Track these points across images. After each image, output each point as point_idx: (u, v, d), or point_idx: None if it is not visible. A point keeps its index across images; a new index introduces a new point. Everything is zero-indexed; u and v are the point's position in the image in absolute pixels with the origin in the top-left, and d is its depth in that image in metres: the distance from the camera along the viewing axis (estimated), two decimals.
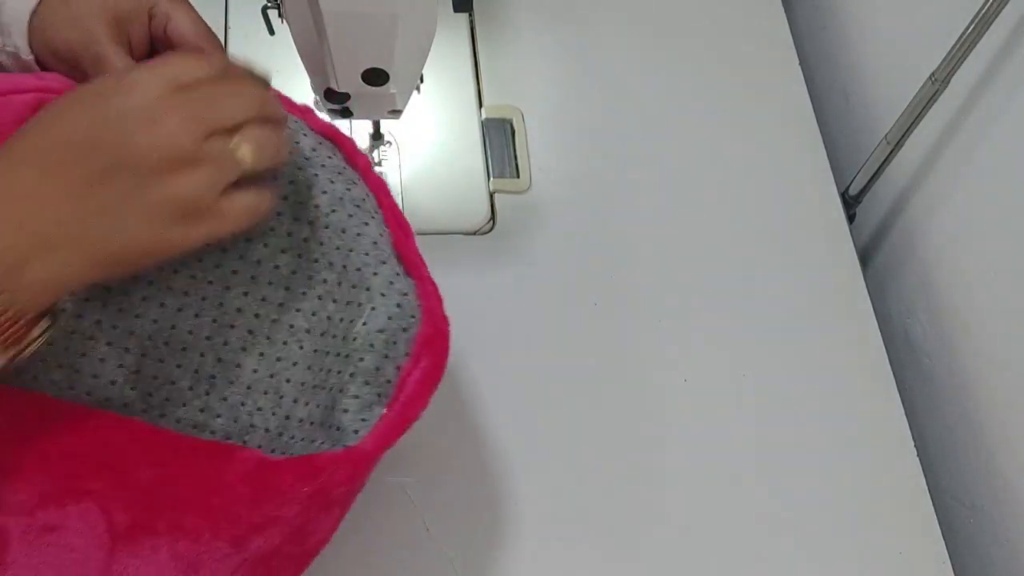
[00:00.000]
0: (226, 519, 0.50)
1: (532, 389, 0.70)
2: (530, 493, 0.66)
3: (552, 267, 0.76)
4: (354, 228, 0.56)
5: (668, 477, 0.69)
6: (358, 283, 0.55)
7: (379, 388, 0.54)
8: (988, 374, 0.74)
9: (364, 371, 0.54)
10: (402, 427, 0.53)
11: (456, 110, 0.83)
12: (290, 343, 0.53)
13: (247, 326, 0.52)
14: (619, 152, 0.83)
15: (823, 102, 0.95)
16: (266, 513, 0.50)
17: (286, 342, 0.53)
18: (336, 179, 0.57)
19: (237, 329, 0.52)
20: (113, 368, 0.51)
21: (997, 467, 0.72)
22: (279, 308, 0.53)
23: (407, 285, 0.56)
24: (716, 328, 0.75)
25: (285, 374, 0.53)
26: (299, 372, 0.53)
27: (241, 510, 0.50)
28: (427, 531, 0.63)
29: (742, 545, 0.67)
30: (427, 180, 0.79)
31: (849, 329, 0.77)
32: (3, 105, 0.53)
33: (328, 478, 0.51)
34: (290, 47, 0.62)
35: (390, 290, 0.55)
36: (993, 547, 0.72)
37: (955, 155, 0.78)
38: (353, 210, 0.56)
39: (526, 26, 0.88)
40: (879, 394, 0.74)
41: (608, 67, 0.87)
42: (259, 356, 0.53)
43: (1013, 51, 0.71)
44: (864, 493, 0.70)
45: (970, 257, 0.76)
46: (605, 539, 0.66)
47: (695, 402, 0.72)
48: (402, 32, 0.60)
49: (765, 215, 0.81)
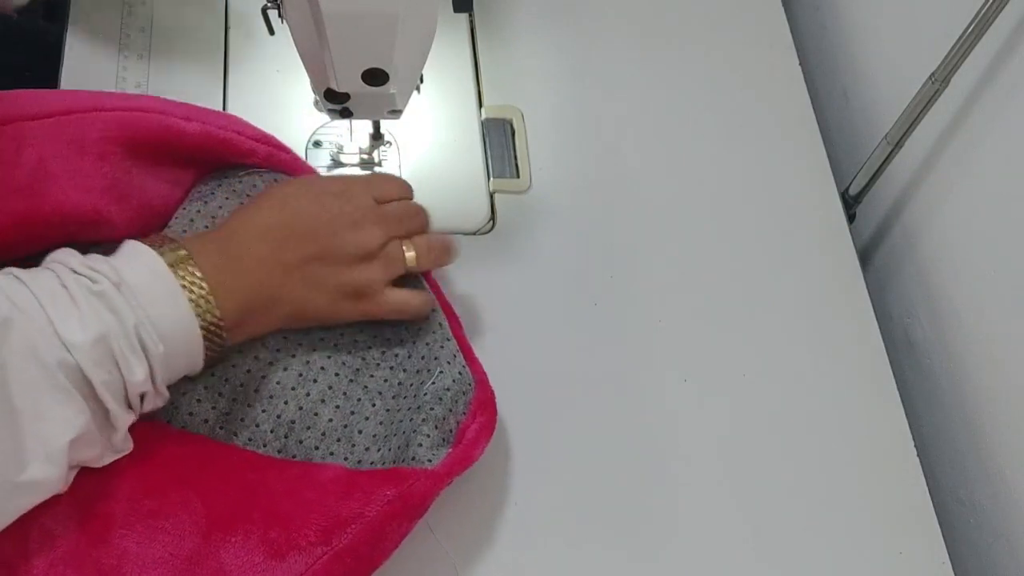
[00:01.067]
0: (317, 510, 0.56)
1: (532, 389, 0.70)
2: (530, 493, 0.66)
3: (552, 267, 0.76)
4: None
5: (668, 477, 0.69)
6: (427, 355, 0.64)
7: (445, 434, 0.61)
8: (988, 374, 0.74)
9: (434, 418, 0.61)
10: (466, 463, 0.60)
11: (456, 110, 0.83)
12: (363, 400, 0.62)
13: (327, 382, 0.62)
14: (619, 152, 0.83)
15: (823, 102, 0.95)
16: (353, 509, 0.56)
17: (360, 399, 0.62)
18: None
19: (319, 384, 0.61)
20: (207, 409, 0.59)
21: (997, 467, 0.72)
22: (356, 372, 0.63)
23: (463, 361, 0.65)
24: (716, 328, 0.75)
25: (358, 426, 0.62)
26: (371, 426, 0.62)
27: (332, 503, 0.56)
28: (430, 531, 0.63)
29: (741, 545, 0.67)
30: (427, 180, 0.79)
31: (849, 329, 0.77)
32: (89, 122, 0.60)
33: (409, 488, 0.58)
34: (290, 47, 0.62)
35: (454, 361, 0.64)
36: (993, 547, 0.72)
37: (955, 155, 0.78)
38: None
39: (526, 26, 0.88)
40: (879, 394, 0.74)
41: (608, 67, 0.87)
42: (335, 408, 0.61)
43: (1013, 51, 0.71)
44: (864, 493, 0.70)
45: (970, 257, 0.76)
46: (605, 539, 0.66)
47: (695, 402, 0.72)
48: (402, 32, 0.60)
49: (765, 215, 0.81)
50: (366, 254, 0.61)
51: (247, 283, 0.57)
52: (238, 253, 0.57)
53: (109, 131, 0.60)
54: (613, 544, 0.66)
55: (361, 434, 0.61)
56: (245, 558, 0.54)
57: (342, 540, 0.55)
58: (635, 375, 0.72)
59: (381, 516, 0.56)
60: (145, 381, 0.52)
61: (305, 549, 0.55)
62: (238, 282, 0.56)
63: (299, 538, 0.55)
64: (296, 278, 0.59)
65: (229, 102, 0.79)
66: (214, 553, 0.54)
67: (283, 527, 0.55)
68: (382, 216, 0.62)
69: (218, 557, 0.54)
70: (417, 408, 0.61)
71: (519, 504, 0.66)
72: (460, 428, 0.62)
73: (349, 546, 0.55)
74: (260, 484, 0.57)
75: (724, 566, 0.66)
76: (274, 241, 0.58)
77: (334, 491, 0.57)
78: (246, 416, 0.60)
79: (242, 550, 0.54)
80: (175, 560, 0.53)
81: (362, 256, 0.61)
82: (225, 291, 0.55)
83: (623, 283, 0.76)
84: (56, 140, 0.58)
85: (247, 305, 0.57)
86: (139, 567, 0.53)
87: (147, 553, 0.53)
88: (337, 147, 0.79)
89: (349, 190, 0.62)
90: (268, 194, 0.61)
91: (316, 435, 0.60)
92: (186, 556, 0.53)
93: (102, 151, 0.59)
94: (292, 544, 0.54)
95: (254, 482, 0.57)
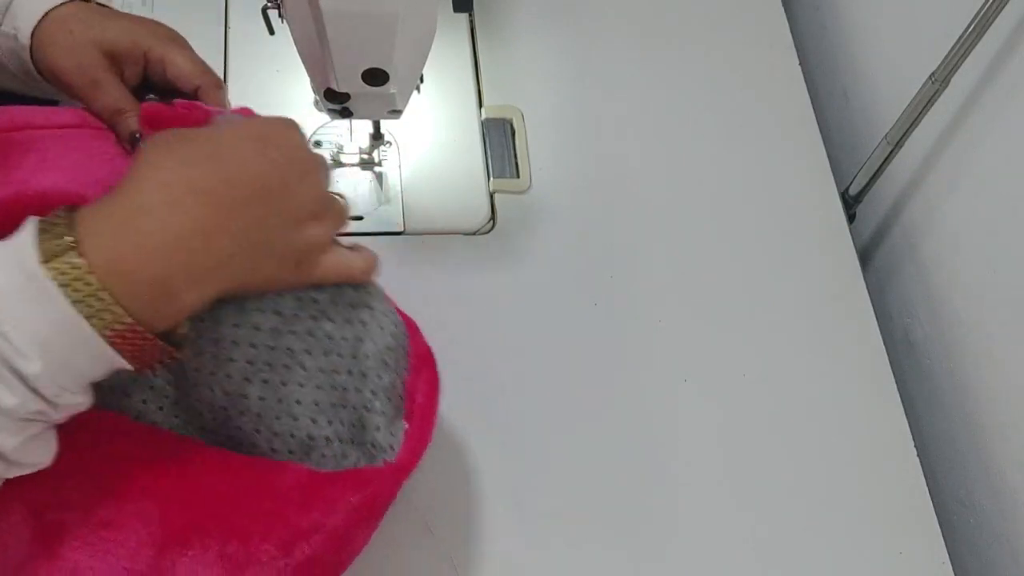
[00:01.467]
0: (276, 523, 0.52)
1: (532, 389, 0.70)
2: (530, 493, 0.66)
3: (552, 267, 0.76)
4: None
5: (668, 477, 0.69)
6: (356, 302, 0.56)
7: (396, 403, 0.57)
8: (988, 374, 0.74)
9: (384, 388, 0.56)
10: (426, 439, 0.56)
11: (456, 110, 0.83)
12: (292, 367, 0.54)
13: (245, 357, 0.53)
14: (619, 152, 0.83)
15: (823, 102, 0.95)
16: (315, 520, 0.53)
17: (287, 366, 0.54)
18: None
19: (236, 363, 0.53)
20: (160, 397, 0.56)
21: (997, 467, 0.72)
22: (273, 333, 0.54)
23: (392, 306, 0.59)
24: (716, 328, 0.75)
25: (295, 396, 0.55)
26: (308, 392, 0.55)
27: (291, 515, 0.52)
28: (431, 531, 0.63)
29: (741, 545, 0.67)
30: (427, 180, 0.79)
31: (849, 329, 0.77)
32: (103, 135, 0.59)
33: (375, 490, 0.54)
34: (290, 47, 0.62)
35: (386, 309, 0.57)
36: (993, 547, 0.72)
37: (955, 155, 0.78)
38: None
39: (526, 26, 0.88)
40: (879, 394, 0.74)
41: (608, 67, 0.87)
42: (263, 384, 0.54)
43: (1013, 51, 0.71)
44: (864, 493, 0.70)
45: (970, 257, 0.76)
46: (605, 539, 0.66)
47: (695, 402, 0.72)
48: (402, 32, 0.60)
49: (765, 215, 0.81)
50: (319, 209, 0.51)
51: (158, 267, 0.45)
52: (149, 228, 0.45)
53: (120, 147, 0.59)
54: (613, 544, 0.66)
55: (300, 405, 0.55)
56: (201, 573, 0.52)
57: (304, 551, 0.53)
58: (635, 375, 0.72)
59: (345, 524, 0.54)
60: (23, 403, 0.43)
61: (265, 564, 0.52)
62: (149, 267, 0.45)
63: (258, 553, 0.52)
64: (243, 245, 0.48)
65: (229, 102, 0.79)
66: (169, 569, 0.51)
67: (241, 541, 0.52)
68: (319, 160, 0.52)
69: (173, 573, 0.51)
70: (362, 376, 0.56)
71: (519, 504, 0.66)
72: (407, 390, 0.57)
73: (312, 556, 0.53)
74: (218, 492, 0.54)
75: (724, 566, 0.66)
76: (219, 204, 0.47)
77: (295, 499, 0.53)
78: (188, 405, 0.56)
79: (199, 565, 0.52)
80: (129, 574, 0.51)
81: (313, 212, 0.51)
82: (127, 281, 0.44)
83: (623, 283, 0.76)
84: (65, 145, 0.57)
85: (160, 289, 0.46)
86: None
87: (99, 566, 0.51)
88: (337, 147, 0.79)
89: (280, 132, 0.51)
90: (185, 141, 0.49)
91: (252, 418, 0.55)
92: (140, 571, 0.51)
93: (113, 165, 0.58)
94: (251, 559, 0.52)
95: (212, 490, 0.54)
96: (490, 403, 0.69)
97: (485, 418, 0.69)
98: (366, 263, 0.55)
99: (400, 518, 0.64)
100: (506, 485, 0.66)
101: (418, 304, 0.70)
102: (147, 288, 0.45)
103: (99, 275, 0.43)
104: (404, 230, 0.76)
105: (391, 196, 0.77)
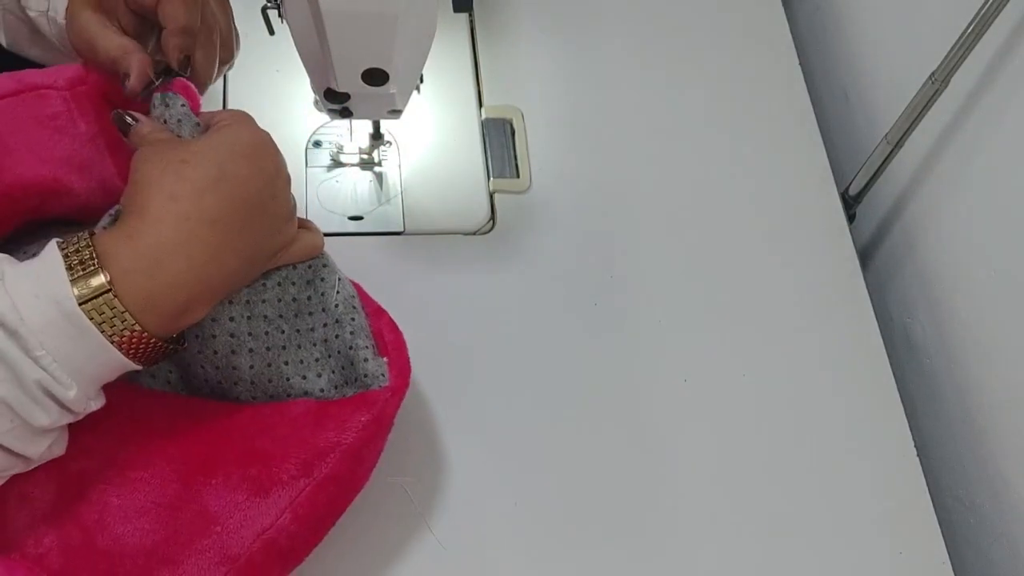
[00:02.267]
0: (295, 445, 0.56)
1: (532, 389, 0.70)
2: (530, 493, 0.66)
3: (552, 267, 0.76)
4: None
5: (668, 477, 0.69)
6: (313, 263, 0.60)
7: (373, 341, 0.60)
8: (988, 374, 0.74)
9: (361, 327, 0.60)
10: (407, 366, 0.60)
11: (456, 110, 0.83)
12: (271, 333, 0.58)
13: (227, 331, 0.57)
14: (619, 152, 0.83)
15: (823, 102, 0.95)
16: (330, 439, 0.56)
17: (267, 332, 0.58)
18: None
19: (219, 338, 0.57)
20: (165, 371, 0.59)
21: (997, 467, 0.72)
22: (246, 305, 0.57)
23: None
24: (716, 328, 0.75)
25: (282, 358, 0.59)
26: (292, 353, 0.59)
27: (307, 436, 0.56)
28: (430, 531, 0.63)
29: (741, 545, 0.67)
30: (427, 180, 0.79)
31: (849, 329, 0.77)
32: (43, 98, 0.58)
33: (379, 409, 0.57)
34: (290, 47, 0.62)
35: (335, 268, 0.61)
36: (993, 547, 0.72)
37: (955, 155, 0.78)
38: None
39: (526, 26, 0.88)
40: (879, 394, 0.74)
41: (608, 67, 0.87)
42: (249, 353, 0.58)
43: (1013, 51, 0.71)
44: (864, 493, 0.70)
45: (970, 257, 0.76)
46: (605, 539, 0.66)
47: (695, 402, 0.72)
48: (402, 32, 0.60)
49: (765, 215, 0.81)
50: (293, 206, 0.57)
51: (183, 297, 0.50)
52: (177, 267, 0.49)
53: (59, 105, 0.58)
54: (613, 544, 0.66)
55: (288, 365, 0.59)
56: (228, 498, 0.54)
57: (323, 469, 0.55)
58: (635, 375, 0.72)
59: (358, 441, 0.57)
60: (56, 421, 0.48)
61: (287, 483, 0.55)
62: (176, 298, 0.50)
63: (280, 472, 0.55)
64: (245, 260, 0.53)
65: (229, 102, 0.79)
66: (196, 497, 0.54)
67: (263, 464, 0.55)
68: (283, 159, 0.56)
69: (200, 500, 0.54)
70: (336, 322, 0.60)
71: (519, 504, 0.66)
72: (374, 331, 0.61)
73: (330, 474, 0.56)
74: (233, 427, 0.57)
75: (724, 566, 0.66)
76: (229, 226, 0.51)
77: (307, 423, 0.57)
78: (190, 381, 0.59)
79: (224, 490, 0.54)
80: (158, 508, 0.53)
81: (291, 211, 0.56)
82: (158, 314, 0.49)
83: (623, 283, 0.76)
84: (12, 117, 0.57)
85: (181, 313, 0.51)
86: (122, 518, 0.53)
87: (128, 504, 0.53)
88: (337, 147, 0.79)
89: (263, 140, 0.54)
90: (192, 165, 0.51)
91: (246, 386, 0.59)
92: (168, 503, 0.54)
93: (58, 125, 0.58)
94: (274, 479, 0.55)
95: (227, 426, 0.57)
96: (489, 403, 0.69)
97: (484, 418, 0.69)
98: (320, 238, 0.60)
99: (400, 518, 0.64)
100: (506, 485, 0.66)
101: (418, 304, 0.70)
102: (172, 314, 0.50)
103: (133, 311, 0.48)
104: (404, 230, 0.76)
105: (391, 196, 0.77)
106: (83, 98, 0.59)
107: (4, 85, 0.58)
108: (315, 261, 0.60)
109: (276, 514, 0.54)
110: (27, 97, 0.58)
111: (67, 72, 0.59)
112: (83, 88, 0.59)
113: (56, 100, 0.58)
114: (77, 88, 0.59)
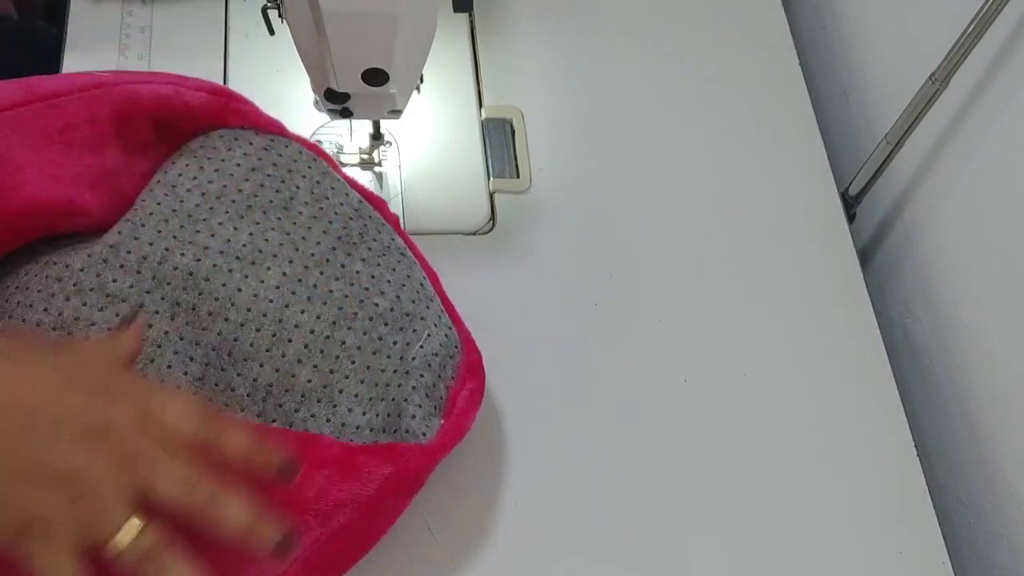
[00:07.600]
0: (314, 495, 0.54)
1: (532, 389, 0.70)
2: (530, 493, 0.66)
3: (552, 267, 0.76)
4: (404, 271, 0.64)
5: (668, 477, 0.69)
6: (412, 313, 0.61)
7: (436, 403, 0.60)
8: (988, 374, 0.74)
9: (424, 386, 0.60)
10: (458, 435, 0.60)
11: (456, 110, 0.83)
12: (342, 358, 0.59)
13: (303, 340, 0.58)
14: (619, 152, 0.83)
15: (823, 102, 0.95)
16: (351, 489, 0.55)
17: (338, 356, 0.59)
18: (382, 230, 0.64)
19: (294, 343, 0.58)
20: (179, 375, 0.56)
21: (997, 467, 0.72)
22: (332, 326, 0.59)
23: (449, 321, 0.64)
24: (716, 328, 0.75)
25: (338, 386, 0.59)
26: (352, 384, 0.59)
27: (329, 487, 0.55)
28: (430, 531, 0.63)
29: (741, 545, 0.67)
30: (427, 180, 0.79)
31: (849, 329, 0.77)
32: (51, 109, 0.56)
33: (405, 465, 0.57)
34: (290, 47, 0.62)
35: (440, 323, 0.62)
36: (993, 547, 0.72)
37: (955, 155, 0.78)
38: (400, 257, 0.64)
39: (526, 26, 0.88)
40: (879, 394, 0.74)
41: (608, 67, 0.87)
42: (313, 368, 0.58)
43: (1013, 51, 0.71)
44: (864, 493, 0.70)
45: (970, 257, 0.76)
46: (605, 538, 0.66)
47: (695, 402, 0.72)
48: (402, 32, 0.60)
49: (765, 215, 0.81)
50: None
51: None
52: None
53: (72, 116, 0.57)
54: (613, 544, 0.66)
55: (342, 394, 0.58)
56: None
57: (339, 520, 0.55)
58: (635, 375, 0.72)
59: (378, 494, 0.56)
60: None
61: (303, 532, 0.54)
62: None
63: (300, 525, 0.54)
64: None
65: None
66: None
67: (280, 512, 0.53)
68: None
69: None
70: (405, 373, 0.60)
71: (519, 504, 0.66)
72: (450, 395, 0.61)
73: (346, 526, 0.55)
74: None
75: (724, 566, 0.66)
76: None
77: (331, 475, 0.56)
78: (220, 380, 0.57)
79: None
80: None
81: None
82: None
83: (623, 283, 0.76)
84: (20, 131, 0.55)
85: None
86: None
87: None
88: (337, 147, 0.79)
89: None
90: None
91: (295, 398, 0.58)
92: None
93: (70, 139, 0.56)
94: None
95: None
96: (489, 403, 0.69)
97: (484, 417, 0.69)
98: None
99: (400, 518, 0.64)
100: (505, 485, 0.66)
101: None
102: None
103: None
104: (404, 230, 0.76)
105: (391, 196, 0.77)
106: (97, 106, 0.57)
107: (11, 95, 0.56)
108: (416, 310, 0.61)
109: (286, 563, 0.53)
110: (37, 108, 0.56)
111: (79, 80, 0.58)
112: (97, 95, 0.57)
113: (68, 111, 0.56)
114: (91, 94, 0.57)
